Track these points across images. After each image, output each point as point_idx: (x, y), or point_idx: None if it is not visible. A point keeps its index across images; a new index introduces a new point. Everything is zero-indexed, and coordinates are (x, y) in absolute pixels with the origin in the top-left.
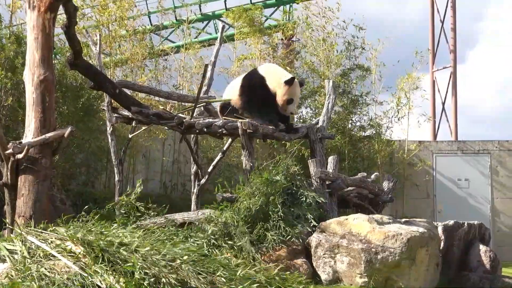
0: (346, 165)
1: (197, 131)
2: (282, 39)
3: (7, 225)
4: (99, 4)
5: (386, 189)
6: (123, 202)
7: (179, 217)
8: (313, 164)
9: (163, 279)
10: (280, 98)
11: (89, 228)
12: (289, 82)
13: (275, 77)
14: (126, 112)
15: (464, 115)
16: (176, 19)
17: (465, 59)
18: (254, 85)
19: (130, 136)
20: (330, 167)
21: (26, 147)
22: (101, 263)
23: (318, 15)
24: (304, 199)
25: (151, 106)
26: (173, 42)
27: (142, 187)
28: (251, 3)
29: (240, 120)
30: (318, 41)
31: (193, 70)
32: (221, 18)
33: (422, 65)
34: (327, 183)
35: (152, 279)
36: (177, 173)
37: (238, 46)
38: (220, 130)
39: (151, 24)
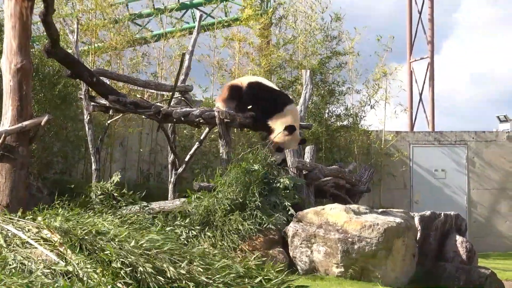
0: (323, 155)
1: (174, 120)
2: (260, 29)
3: None
4: None
5: (363, 179)
6: (99, 191)
7: (156, 205)
8: (290, 154)
9: (140, 268)
10: (273, 136)
11: (66, 216)
12: (289, 129)
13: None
14: (103, 101)
15: (438, 105)
16: (154, 8)
17: (440, 49)
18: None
19: (107, 123)
20: (307, 157)
21: (3, 135)
22: (78, 252)
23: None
24: (281, 181)
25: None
26: (152, 31)
27: (119, 178)
28: None
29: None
30: (298, 29)
31: (173, 59)
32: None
33: (387, 53)
34: (304, 173)
35: (129, 268)
36: (154, 162)
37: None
38: (198, 119)
39: (129, 13)
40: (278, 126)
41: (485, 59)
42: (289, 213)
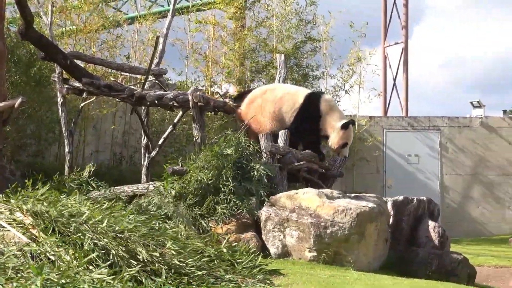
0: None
1: (148, 103)
2: (234, 12)
3: None
4: None
5: (336, 164)
6: (74, 177)
7: (129, 189)
8: (263, 138)
9: (112, 251)
10: (334, 142)
11: (39, 199)
12: (345, 127)
13: (330, 119)
14: (77, 83)
15: (410, 90)
16: None
17: (411, 34)
18: (308, 119)
19: (81, 105)
20: (280, 141)
21: None
22: (50, 234)
23: None
24: (255, 173)
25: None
26: (126, 14)
27: (93, 167)
28: None
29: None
30: (272, 13)
31: (147, 42)
32: None
33: (362, 38)
34: (277, 157)
35: (101, 251)
36: (127, 145)
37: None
38: (172, 103)
39: None
40: (331, 129)
41: (456, 44)
42: (262, 199)
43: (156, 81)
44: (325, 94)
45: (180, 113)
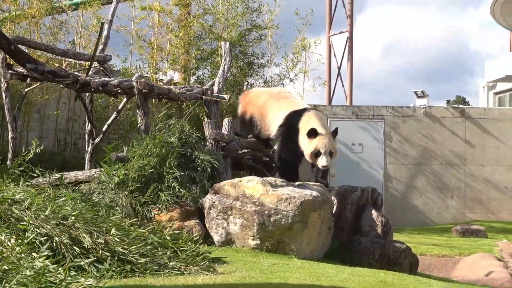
0: None
1: (92, 89)
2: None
3: None
4: None
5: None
6: (19, 162)
7: (72, 175)
8: (208, 126)
9: (56, 238)
10: (306, 153)
11: None
12: (309, 135)
13: (303, 132)
14: (21, 69)
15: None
16: None
17: (355, 23)
18: (291, 135)
19: (25, 91)
20: (225, 129)
21: None
22: None
23: None
24: (199, 163)
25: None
26: (71, 0)
27: (39, 147)
28: None
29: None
30: (218, 0)
31: (91, 28)
32: None
33: (306, 27)
34: (221, 144)
35: (44, 238)
36: (71, 131)
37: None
38: (116, 89)
39: None
40: (303, 144)
41: (400, 34)
42: (206, 190)
43: (101, 68)
44: (311, 110)
45: (125, 99)
